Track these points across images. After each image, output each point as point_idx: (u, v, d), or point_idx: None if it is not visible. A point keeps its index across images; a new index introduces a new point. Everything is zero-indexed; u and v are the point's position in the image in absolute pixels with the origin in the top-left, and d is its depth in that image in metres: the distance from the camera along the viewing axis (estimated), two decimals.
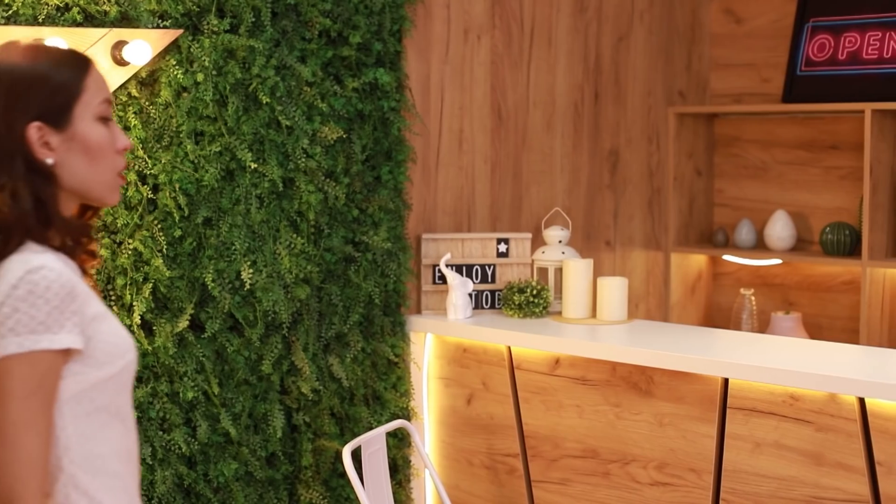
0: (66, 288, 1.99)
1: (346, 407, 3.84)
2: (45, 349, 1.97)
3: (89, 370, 2.05)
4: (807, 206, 5.13)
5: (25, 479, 1.95)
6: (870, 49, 4.86)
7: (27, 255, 2.02)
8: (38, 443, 1.97)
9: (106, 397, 2.10)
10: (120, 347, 2.10)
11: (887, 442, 2.93)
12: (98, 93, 2.12)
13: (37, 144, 2.06)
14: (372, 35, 3.81)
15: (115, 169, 2.15)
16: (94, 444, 2.09)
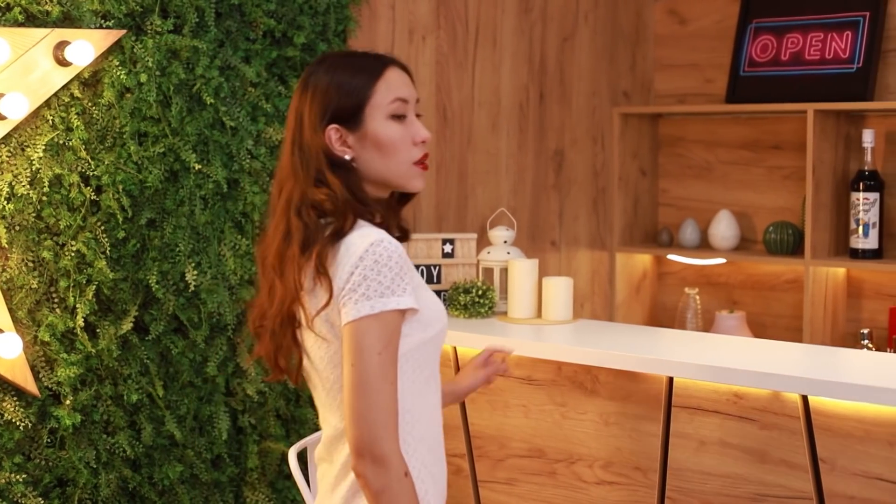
0: (403, 257, 2.34)
1: (291, 408, 3.83)
2: (393, 309, 2.29)
3: (415, 332, 2.39)
4: (750, 206, 5.16)
5: (385, 424, 2.27)
6: (812, 50, 4.89)
7: (366, 231, 2.36)
8: (392, 392, 2.29)
9: (423, 358, 2.43)
10: (436, 314, 2.45)
11: (830, 439, 2.96)
12: (388, 94, 2.43)
13: (336, 144, 2.42)
14: (317, 35, 3.80)
15: (411, 160, 2.46)
16: (414, 399, 2.42)
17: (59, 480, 3.36)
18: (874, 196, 4.56)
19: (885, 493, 2.88)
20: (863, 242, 4.59)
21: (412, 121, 2.48)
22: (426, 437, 2.46)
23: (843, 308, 4.80)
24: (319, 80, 2.45)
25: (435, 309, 2.45)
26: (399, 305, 2.30)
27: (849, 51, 4.78)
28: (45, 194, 3.26)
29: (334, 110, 2.43)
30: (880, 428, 2.87)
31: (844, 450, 2.94)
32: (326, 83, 2.44)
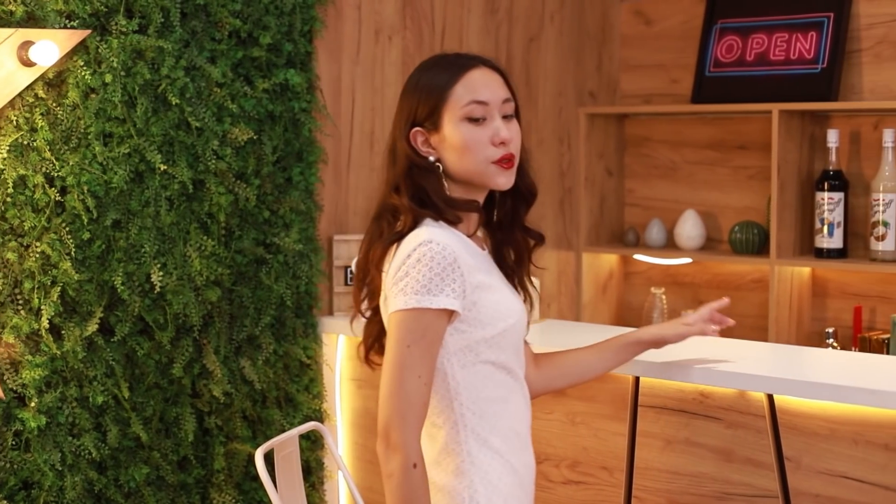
0: (448, 259, 2.47)
1: (258, 410, 3.82)
2: (426, 308, 2.44)
3: (472, 329, 2.54)
4: (716, 206, 5.18)
5: (401, 412, 2.44)
6: (777, 50, 4.91)
7: (422, 230, 2.52)
8: (416, 385, 2.45)
9: (491, 353, 2.57)
10: (501, 313, 2.56)
11: (795, 438, 2.97)
12: (465, 97, 2.56)
13: (421, 146, 2.60)
14: (282, 36, 3.79)
15: (488, 160, 2.57)
16: (480, 390, 2.57)
17: (24, 483, 3.34)
18: (839, 196, 4.58)
19: (850, 491, 2.89)
20: (827, 242, 4.60)
21: (492, 122, 2.58)
22: (499, 426, 2.60)
23: (808, 307, 4.82)
24: (409, 84, 2.65)
25: (498, 309, 2.56)
26: (432, 305, 2.45)
27: (813, 51, 4.80)
28: (9, 195, 3.24)
29: (416, 113, 2.59)
30: (845, 426, 2.89)
31: (809, 448, 2.95)
32: (413, 87, 2.63)
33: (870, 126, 4.66)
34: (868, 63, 4.74)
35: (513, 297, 2.67)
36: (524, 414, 2.69)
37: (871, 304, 4.67)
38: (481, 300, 2.55)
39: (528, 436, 2.70)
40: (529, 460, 2.70)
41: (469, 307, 2.53)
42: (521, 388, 2.69)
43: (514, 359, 2.65)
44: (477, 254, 2.62)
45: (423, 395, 2.47)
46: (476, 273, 2.54)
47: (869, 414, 2.85)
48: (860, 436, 2.87)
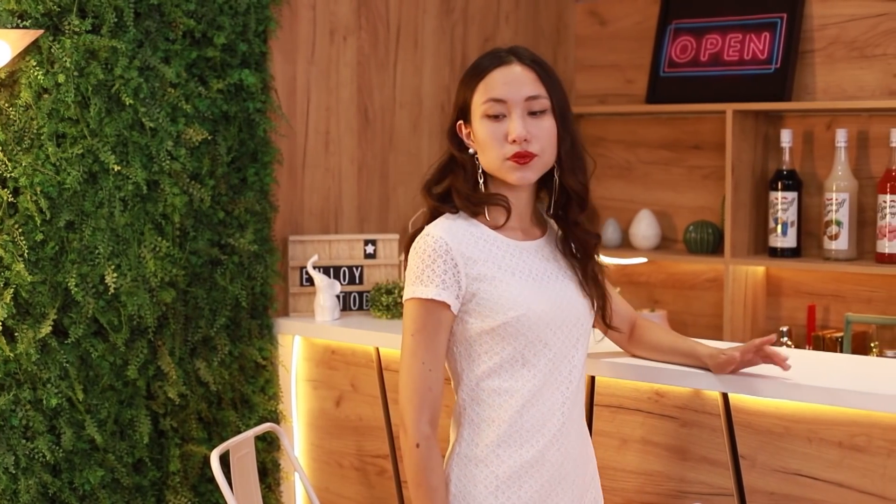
0: (439, 251, 2.60)
1: (213, 411, 3.81)
2: (419, 297, 2.60)
3: (473, 320, 2.63)
4: (671, 206, 5.20)
5: (408, 397, 2.61)
6: (731, 51, 4.93)
7: (431, 224, 2.69)
8: (420, 371, 2.60)
9: (492, 345, 2.64)
10: (503, 306, 2.61)
11: (750, 436, 2.98)
12: (484, 94, 2.66)
13: (466, 138, 2.73)
14: (237, 36, 3.78)
15: (503, 156, 2.64)
16: (484, 381, 2.66)
17: None
18: (792, 195, 4.61)
19: (804, 489, 2.91)
20: (781, 241, 4.63)
21: (512, 118, 2.64)
22: (494, 419, 2.66)
23: (763, 306, 4.85)
24: (460, 80, 2.77)
25: (499, 301, 2.62)
26: (421, 295, 2.60)
27: (767, 52, 4.82)
28: None
29: (457, 108, 2.75)
30: (799, 424, 2.90)
31: (764, 446, 2.97)
32: (460, 83, 2.76)
33: (823, 126, 4.69)
34: (821, 63, 4.77)
35: (528, 289, 2.66)
36: (545, 406, 2.68)
37: (825, 303, 4.70)
38: (481, 291, 2.62)
39: (548, 428, 2.68)
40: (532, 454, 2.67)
41: (469, 298, 2.63)
42: (545, 379, 2.68)
43: (530, 350, 2.65)
44: (500, 247, 2.69)
45: (427, 381, 2.61)
46: (477, 265, 2.63)
47: (823, 412, 2.86)
48: (814, 434, 2.89)
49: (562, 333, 2.69)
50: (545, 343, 2.66)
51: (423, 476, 2.61)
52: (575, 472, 2.74)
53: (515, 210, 2.73)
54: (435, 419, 2.63)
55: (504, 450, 2.64)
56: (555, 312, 2.68)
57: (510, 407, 2.65)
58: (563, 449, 2.70)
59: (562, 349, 2.69)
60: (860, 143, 4.64)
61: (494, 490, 2.64)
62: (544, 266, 2.74)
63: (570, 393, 2.71)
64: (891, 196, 4.38)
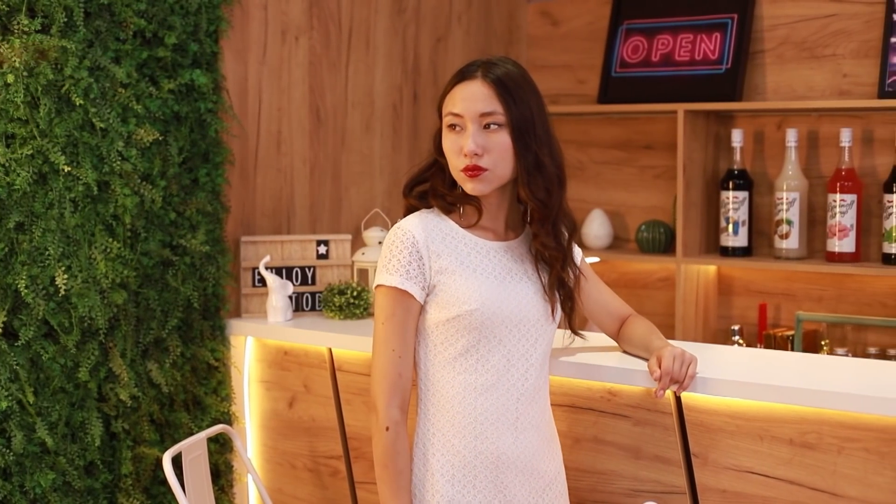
0: (406, 243, 2.73)
1: (165, 413, 3.79)
2: (386, 285, 2.73)
3: (432, 311, 2.75)
4: (623, 205, 5.22)
5: (379, 385, 2.73)
6: (682, 51, 4.96)
7: (408, 217, 2.81)
8: (391, 358, 2.72)
9: (448, 336, 2.75)
10: (458, 298, 2.72)
11: (702, 434, 3.00)
12: (448, 106, 2.76)
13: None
14: (188, 36, 3.76)
15: (458, 168, 2.75)
16: (436, 371, 2.77)
17: None
18: (743, 195, 4.64)
19: (756, 486, 2.92)
20: (733, 240, 4.66)
21: (465, 133, 2.73)
22: (448, 409, 2.77)
23: (714, 305, 4.87)
24: None
25: (457, 294, 2.73)
26: (386, 283, 2.73)
27: (718, 52, 4.85)
28: None
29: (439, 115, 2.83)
30: (751, 422, 2.92)
31: (716, 444, 2.98)
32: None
33: (773, 126, 4.73)
34: (771, 64, 4.80)
35: (486, 286, 2.76)
36: (499, 401, 2.78)
37: (776, 302, 4.73)
38: (441, 283, 2.74)
39: (503, 423, 2.78)
40: (483, 447, 2.77)
41: (431, 290, 2.75)
42: (499, 375, 2.78)
43: (484, 346, 2.76)
44: (461, 242, 2.80)
45: (398, 367, 2.73)
46: (441, 258, 2.75)
47: (774, 410, 2.88)
48: (766, 432, 2.90)
49: (518, 332, 2.78)
50: (499, 340, 2.77)
51: (390, 459, 2.72)
52: (535, 466, 2.83)
53: (487, 211, 2.84)
54: (405, 405, 2.75)
55: (459, 440, 2.76)
56: (511, 311, 2.77)
57: (464, 399, 2.76)
58: (519, 444, 2.79)
59: (517, 347, 2.79)
60: (810, 142, 4.68)
61: (450, 478, 2.76)
62: (509, 266, 2.83)
63: (525, 390, 2.80)
64: (841, 195, 4.42)
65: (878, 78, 4.48)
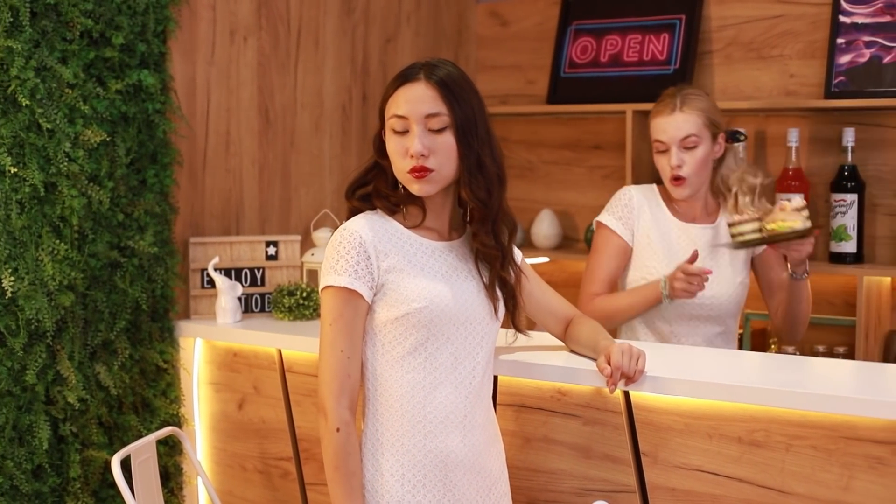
0: (353, 243, 2.73)
1: (114, 416, 3.77)
2: (334, 286, 2.72)
3: (380, 310, 2.75)
4: (572, 205, 5.23)
5: (328, 383, 2.72)
6: (630, 52, 4.98)
7: (353, 218, 2.81)
8: (339, 359, 2.72)
9: (397, 335, 2.75)
10: (407, 297, 2.73)
11: (651, 433, 3.01)
12: (392, 109, 2.76)
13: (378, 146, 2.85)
14: (135, 36, 3.74)
15: (404, 169, 2.75)
16: (385, 370, 2.77)
17: None
18: None
19: (705, 484, 2.94)
20: None
21: (411, 134, 2.74)
22: (397, 408, 2.77)
23: None
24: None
25: (406, 293, 2.74)
26: (334, 283, 2.72)
27: (666, 52, 4.87)
28: None
29: (380, 117, 2.83)
30: (700, 421, 2.93)
31: (665, 443, 2.99)
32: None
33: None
34: (719, 64, 4.83)
35: (433, 284, 2.77)
36: (447, 399, 2.80)
37: None
38: (389, 283, 2.74)
39: (451, 421, 2.79)
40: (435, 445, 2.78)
41: (378, 289, 2.75)
42: (446, 374, 2.80)
43: (432, 344, 2.77)
44: (413, 244, 2.81)
45: (346, 368, 2.73)
46: (388, 258, 2.76)
47: (723, 408, 2.90)
48: (714, 430, 2.92)
49: (465, 330, 2.80)
50: (447, 338, 2.78)
51: (341, 460, 2.71)
52: (482, 465, 2.84)
53: (431, 212, 2.85)
54: (354, 405, 2.74)
55: (409, 439, 2.76)
56: (458, 309, 2.79)
57: (412, 398, 2.77)
58: (467, 442, 2.80)
59: (464, 345, 2.80)
60: (758, 142, 4.71)
61: (400, 478, 2.76)
62: (454, 266, 2.85)
63: (472, 388, 2.83)
64: (788, 195, 4.45)
65: (825, 78, 4.51)
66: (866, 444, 2.73)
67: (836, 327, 4.56)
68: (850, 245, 4.39)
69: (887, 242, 4.48)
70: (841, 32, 4.48)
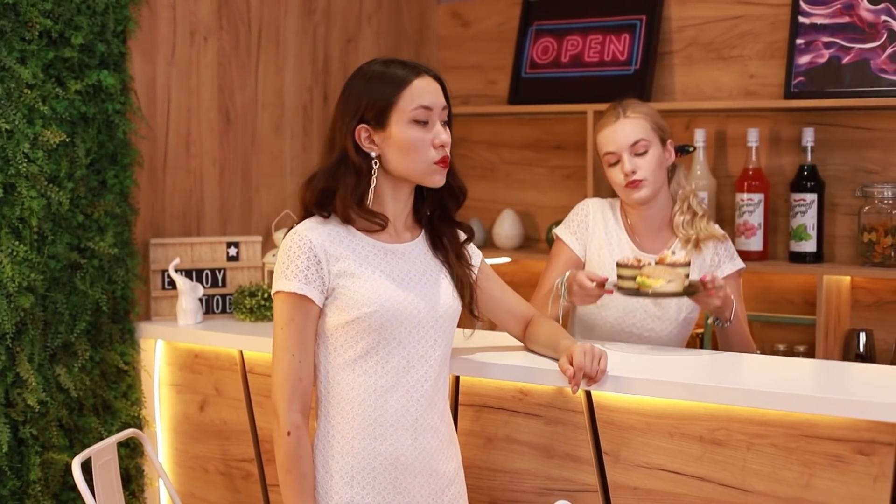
0: (304, 248, 2.72)
1: (75, 418, 3.75)
2: (285, 291, 2.72)
3: (331, 314, 2.75)
4: (533, 205, 5.24)
5: (279, 386, 2.72)
6: (591, 52, 4.99)
7: (304, 222, 2.79)
8: (291, 363, 2.72)
9: (347, 339, 2.76)
10: (358, 301, 2.73)
11: (613, 432, 3.02)
12: (413, 101, 2.75)
13: (364, 142, 2.78)
14: (95, 36, 3.72)
15: (430, 160, 2.77)
16: (336, 374, 2.78)
17: None
18: None
19: (666, 483, 2.95)
20: None
21: (434, 125, 2.78)
22: (349, 411, 2.78)
23: None
24: (356, 84, 2.83)
25: (357, 298, 2.73)
26: (286, 288, 2.72)
27: (626, 53, 4.89)
28: None
29: (364, 111, 2.77)
30: (661, 420, 2.94)
31: (627, 442, 3.00)
32: (362, 86, 2.80)
33: (681, 126, 4.77)
34: (679, 64, 4.84)
35: (386, 288, 2.77)
36: (398, 402, 2.80)
37: None
38: (341, 286, 2.74)
39: (402, 424, 2.80)
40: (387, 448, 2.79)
41: (330, 293, 2.75)
42: (398, 377, 2.80)
43: (384, 348, 2.77)
44: (365, 247, 2.80)
45: (297, 371, 2.73)
46: (339, 262, 2.75)
47: (684, 407, 2.91)
48: (676, 429, 2.93)
49: (418, 334, 2.80)
50: (399, 341, 2.78)
51: (292, 463, 2.74)
52: (434, 468, 2.85)
53: (395, 212, 2.87)
54: (306, 409, 2.75)
55: (359, 442, 2.77)
56: (410, 313, 2.79)
57: (364, 401, 2.77)
58: (418, 445, 2.81)
59: (417, 349, 2.81)
60: (718, 142, 4.73)
61: (350, 480, 2.77)
62: (407, 268, 2.85)
63: (425, 392, 2.83)
64: (748, 195, 4.47)
65: (784, 79, 4.53)
66: (826, 442, 2.74)
67: (797, 326, 4.58)
68: (809, 244, 4.41)
69: (847, 242, 4.51)
70: (800, 33, 4.50)
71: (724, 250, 3.62)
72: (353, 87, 2.83)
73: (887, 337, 4.44)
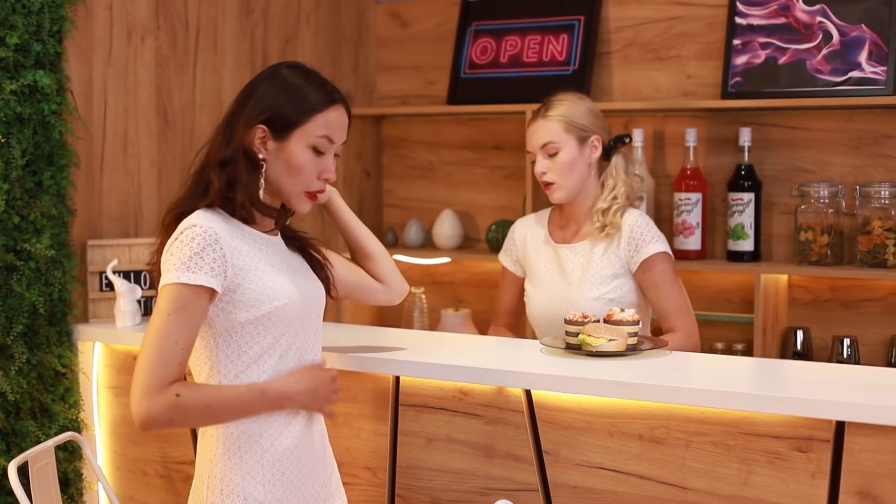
0: (208, 241, 2.62)
1: (11, 421, 3.71)
2: (184, 283, 2.59)
3: (236, 310, 2.68)
4: (473, 205, 5.25)
5: (146, 370, 2.56)
6: (530, 52, 5.00)
7: (194, 215, 2.69)
8: (173, 349, 2.57)
9: (250, 336, 2.70)
10: (267, 296, 2.69)
11: (553, 431, 3.03)
12: (319, 129, 2.76)
13: (255, 141, 2.74)
14: (30, 35, 3.69)
15: (308, 187, 2.79)
16: (242, 370, 2.71)
17: None
18: None
19: (606, 481, 2.96)
20: None
21: (328, 157, 2.81)
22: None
23: None
24: (270, 88, 2.78)
25: (263, 292, 2.69)
26: (189, 281, 2.59)
27: (565, 53, 4.90)
28: None
29: (272, 115, 2.75)
30: (600, 419, 2.96)
31: (567, 441, 3.01)
32: (280, 89, 2.78)
33: (620, 126, 4.79)
34: (617, 65, 4.87)
35: (287, 281, 2.76)
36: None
37: None
38: (244, 282, 2.69)
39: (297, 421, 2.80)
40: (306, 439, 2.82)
41: (233, 288, 2.67)
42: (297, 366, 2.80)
43: (284, 342, 2.76)
44: (256, 240, 2.78)
45: (178, 357, 2.59)
46: (242, 256, 2.70)
47: (623, 406, 2.92)
48: (615, 427, 2.94)
49: (308, 325, 2.84)
50: (295, 333, 2.79)
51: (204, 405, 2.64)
52: (325, 456, 2.90)
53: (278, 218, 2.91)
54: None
55: (266, 439, 2.74)
56: (306, 304, 2.82)
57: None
58: (314, 433, 2.85)
59: (306, 340, 2.84)
60: (656, 142, 4.75)
61: (261, 479, 2.73)
62: (289, 260, 2.89)
63: None
64: (686, 194, 4.50)
65: (721, 79, 4.56)
66: (764, 439, 2.76)
67: (735, 324, 4.62)
68: (747, 243, 4.44)
69: (784, 240, 4.55)
70: (737, 34, 4.53)
71: (640, 235, 3.64)
72: (266, 88, 2.79)
73: (824, 335, 4.48)
